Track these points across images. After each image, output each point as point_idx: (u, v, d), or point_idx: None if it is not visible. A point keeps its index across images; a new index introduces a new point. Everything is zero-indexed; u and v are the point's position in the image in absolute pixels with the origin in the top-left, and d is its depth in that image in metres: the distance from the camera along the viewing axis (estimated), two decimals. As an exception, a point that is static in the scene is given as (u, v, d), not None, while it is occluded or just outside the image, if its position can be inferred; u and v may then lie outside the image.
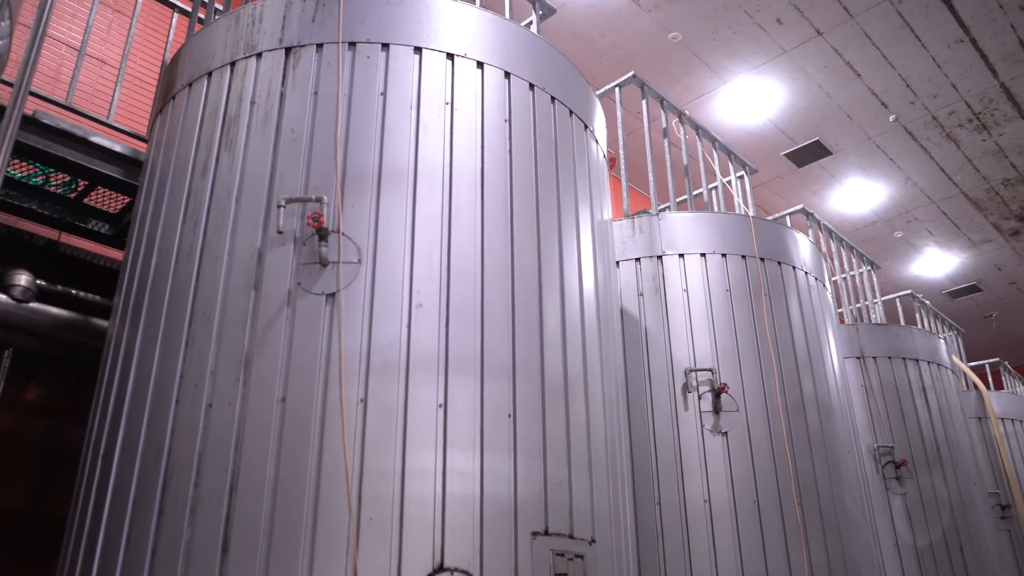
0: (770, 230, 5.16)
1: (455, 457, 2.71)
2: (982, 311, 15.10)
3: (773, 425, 4.46)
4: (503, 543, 2.68)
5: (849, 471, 4.77)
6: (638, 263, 4.89)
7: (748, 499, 4.26)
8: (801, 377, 4.73)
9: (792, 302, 4.98)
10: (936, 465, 6.28)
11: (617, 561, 3.10)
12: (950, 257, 13.33)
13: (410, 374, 2.78)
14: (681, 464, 4.34)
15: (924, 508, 6.05)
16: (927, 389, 6.63)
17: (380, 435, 2.66)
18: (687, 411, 4.45)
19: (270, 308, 2.84)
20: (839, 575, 4.29)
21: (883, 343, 6.72)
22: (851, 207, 11.88)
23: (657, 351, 4.62)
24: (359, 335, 2.80)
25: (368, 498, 2.57)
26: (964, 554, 6.01)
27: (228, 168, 3.18)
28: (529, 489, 2.82)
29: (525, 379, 2.99)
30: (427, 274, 2.95)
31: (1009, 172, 11.19)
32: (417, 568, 2.52)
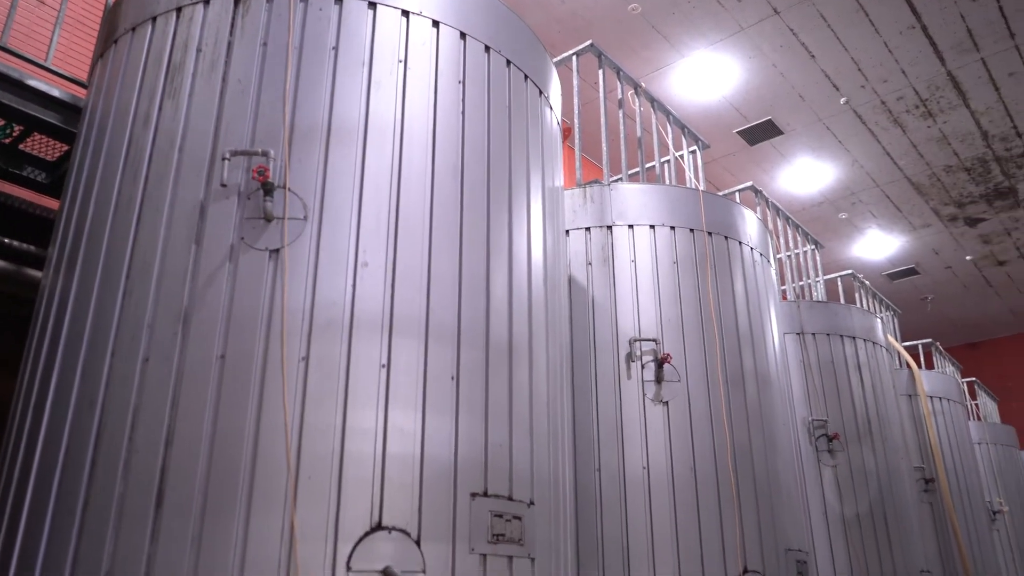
0: (719, 205, 5.23)
1: (397, 417, 2.71)
2: (919, 293, 15.58)
3: (713, 396, 4.56)
4: (442, 503, 2.70)
5: (784, 442, 4.91)
6: (588, 232, 4.91)
7: (685, 467, 4.36)
8: (742, 350, 4.83)
9: (737, 276, 5.06)
10: (867, 439, 6.50)
11: (555, 524, 3.15)
12: (891, 240, 13.69)
13: (354, 333, 2.76)
14: (622, 431, 4.41)
15: (853, 480, 6.27)
16: (862, 366, 6.84)
17: (321, 393, 2.64)
18: (630, 380, 4.52)
19: (211, 262, 2.78)
20: (769, 542, 4.43)
21: (822, 320, 6.89)
22: (799, 187, 12.10)
23: (603, 320, 4.67)
24: (302, 292, 2.76)
25: (307, 455, 2.56)
26: (888, 524, 6.25)
27: (171, 118, 3.09)
28: (470, 451, 2.84)
29: (470, 342, 3.00)
30: (374, 233, 2.92)
31: (951, 159, 11.50)
32: (355, 526, 2.52)
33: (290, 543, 2.44)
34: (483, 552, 2.75)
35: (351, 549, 2.49)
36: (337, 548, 2.48)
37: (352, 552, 2.49)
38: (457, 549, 2.68)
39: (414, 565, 2.57)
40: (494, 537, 2.79)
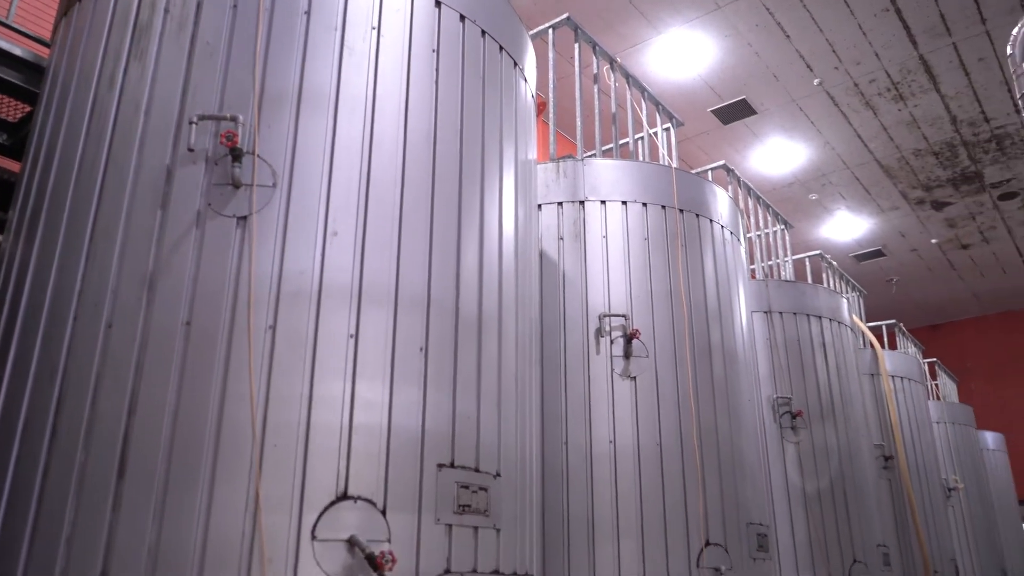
0: (691, 183, 5.25)
1: (364, 387, 2.70)
2: (884, 275, 15.82)
3: (680, 372, 4.60)
4: (408, 473, 2.71)
5: (748, 419, 4.98)
6: (560, 207, 4.91)
7: (651, 441, 4.41)
8: (710, 327, 4.87)
9: (707, 254, 5.10)
10: (829, 417, 6.62)
11: (521, 495, 3.17)
12: (860, 222, 13.86)
13: (322, 303, 2.74)
14: (590, 406, 4.45)
15: (815, 456, 6.39)
16: (827, 345, 6.94)
17: (288, 362, 2.62)
18: (599, 355, 4.55)
19: (177, 228, 2.74)
20: (732, 515, 4.51)
21: (790, 299, 6.97)
22: (771, 167, 12.17)
23: (573, 295, 4.68)
24: (270, 261, 2.73)
25: (273, 424, 2.54)
26: (847, 500, 6.39)
27: (137, 79, 3.02)
28: (437, 422, 2.84)
29: (439, 314, 2.99)
30: (344, 202, 2.89)
31: (920, 143, 11.64)
32: (320, 495, 2.52)
33: (255, 512, 2.44)
34: (449, 523, 2.76)
35: (316, 518, 2.49)
36: (302, 517, 2.48)
37: (317, 521, 2.48)
38: (423, 519, 2.69)
39: (379, 535, 2.57)
40: (460, 508, 2.81)
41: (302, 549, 2.44)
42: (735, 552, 4.43)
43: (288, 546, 2.43)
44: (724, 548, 4.38)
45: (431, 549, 2.68)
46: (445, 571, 2.70)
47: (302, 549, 2.44)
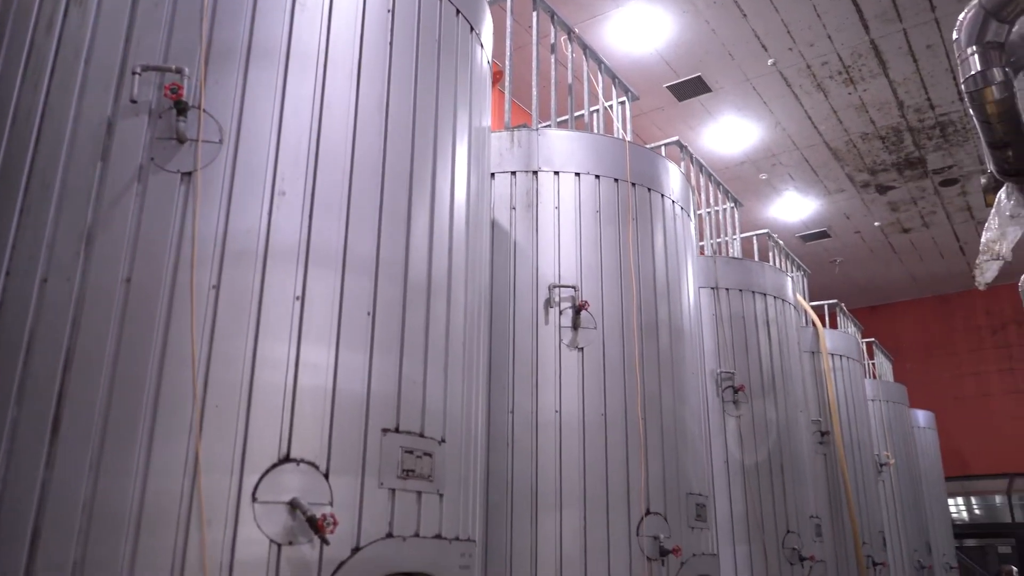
0: (644, 157, 5.27)
1: (309, 350, 2.67)
2: (828, 256, 16.20)
3: (627, 344, 4.66)
4: (352, 437, 2.69)
5: (692, 392, 5.07)
6: (513, 176, 4.89)
7: (596, 412, 4.46)
8: (658, 301, 4.93)
9: (657, 229, 5.14)
10: (770, 392, 6.78)
11: (465, 462, 3.19)
12: (807, 203, 14.13)
13: (268, 263, 2.69)
14: (537, 375, 4.47)
15: (754, 430, 6.55)
16: (771, 322, 7.09)
17: (231, 323, 2.58)
18: (547, 325, 4.57)
19: (118, 182, 2.65)
20: (672, 485, 4.60)
21: (736, 276, 7.09)
22: (723, 146, 12.30)
23: (524, 265, 4.69)
24: (215, 219, 2.67)
25: (215, 385, 2.50)
26: (784, 472, 6.58)
27: (77, 26, 2.90)
28: (383, 386, 2.83)
29: (388, 278, 2.96)
30: (293, 162, 2.83)
31: (868, 127, 11.87)
32: (262, 457, 2.49)
33: (194, 473, 2.40)
34: (392, 487, 2.76)
35: (257, 480, 2.46)
36: (243, 479, 2.45)
37: (258, 483, 2.46)
38: (366, 483, 2.69)
39: (322, 498, 2.56)
40: (404, 473, 2.81)
41: (242, 511, 2.42)
42: (674, 521, 4.53)
43: (228, 507, 2.41)
44: (664, 517, 4.48)
45: (373, 513, 2.68)
46: (387, 535, 2.71)
47: (242, 511, 2.42)
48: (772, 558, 6.26)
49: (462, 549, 3.05)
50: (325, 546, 2.51)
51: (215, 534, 2.37)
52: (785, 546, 6.37)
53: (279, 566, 2.43)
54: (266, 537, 2.43)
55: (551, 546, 4.18)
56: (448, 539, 2.97)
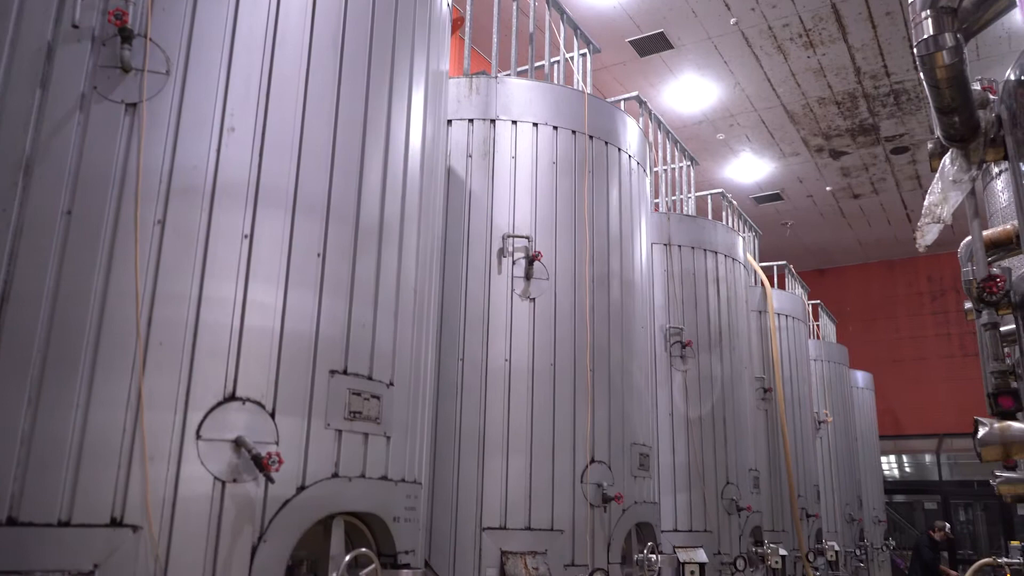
0: (603, 110, 5.26)
1: (257, 290, 2.65)
2: (780, 218, 16.45)
3: (578, 296, 4.70)
4: (299, 378, 2.69)
5: (640, 345, 5.16)
6: (471, 124, 4.84)
7: (546, 362, 4.51)
8: (610, 254, 4.97)
9: (613, 183, 5.16)
10: (716, 348, 6.92)
11: (413, 405, 3.21)
12: (762, 164, 14.27)
13: (215, 201, 2.64)
14: (488, 324, 4.50)
15: (700, 384, 6.70)
16: (720, 280, 7.21)
17: (177, 260, 2.53)
18: (500, 275, 4.58)
19: (59, 110, 2.56)
20: (617, 435, 4.70)
21: (689, 234, 7.18)
22: (682, 104, 12.32)
23: (479, 214, 4.67)
24: (161, 152, 2.60)
25: (159, 322, 2.47)
26: (726, 426, 6.76)
27: (16, -57, 2.76)
28: (332, 328, 2.82)
29: (339, 220, 2.93)
30: (243, 97, 2.76)
31: (825, 91, 11.98)
32: (207, 395, 2.48)
33: (137, 409, 2.38)
34: (339, 428, 2.77)
35: (202, 418, 2.45)
36: (187, 416, 2.44)
37: (203, 421, 2.45)
38: (313, 424, 2.69)
39: (268, 437, 2.57)
40: (351, 414, 2.82)
41: (186, 448, 2.41)
42: (618, 470, 4.64)
43: (172, 444, 2.40)
44: (608, 466, 4.58)
45: (319, 453, 2.69)
46: (333, 475, 2.73)
47: (186, 448, 2.41)
48: (711, 507, 6.47)
49: (408, 491, 3.09)
50: (270, 484, 2.52)
51: (158, 470, 2.36)
52: (724, 496, 6.57)
53: (223, 503, 2.44)
54: (210, 474, 2.43)
55: (497, 491, 4.26)
56: (394, 481, 3.00)
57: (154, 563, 2.30)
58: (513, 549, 4.20)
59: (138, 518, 2.31)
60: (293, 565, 2.73)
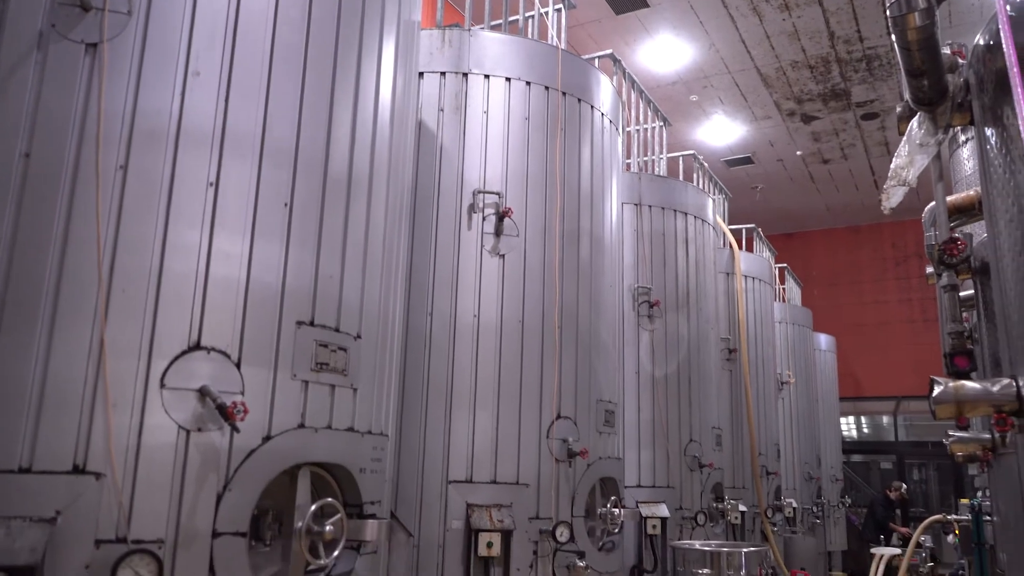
0: (577, 66, 5.21)
1: (223, 239, 2.61)
2: (751, 182, 16.54)
3: (548, 253, 4.70)
4: (265, 328, 2.67)
5: (609, 304, 5.19)
6: (443, 77, 4.78)
7: (514, 318, 4.53)
8: (581, 212, 4.97)
9: (585, 140, 5.14)
10: (683, 308, 7.00)
11: (381, 358, 3.21)
12: (734, 127, 14.30)
13: (180, 146, 2.59)
14: (457, 280, 4.49)
15: (666, 344, 6.78)
16: (689, 241, 7.25)
17: (140, 206, 2.49)
18: (470, 231, 4.56)
19: (15, 49, 2.48)
20: (584, 392, 4.75)
21: (660, 194, 7.19)
22: (657, 64, 12.25)
23: (449, 168, 4.64)
24: (123, 96, 2.54)
25: (121, 269, 2.43)
26: (691, 385, 6.86)
27: None
28: (299, 279, 2.80)
29: (307, 170, 2.89)
30: (209, 41, 2.69)
31: (798, 55, 11.98)
32: (171, 344, 2.46)
33: (99, 357, 2.35)
34: (305, 379, 2.77)
35: (166, 366, 2.43)
36: (151, 365, 2.42)
37: (167, 369, 2.43)
38: (279, 374, 2.68)
39: (233, 386, 2.55)
40: (318, 366, 2.81)
41: (150, 396, 2.39)
42: (583, 426, 4.70)
43: (135, 392, 2.38)
44: (573, 421, 4.63)
45: (285, 404, 2.69)
46: (299, 425, 2.73)
47: (150, 396, 2.39)
48: (674, 464, 6.59)
49: (374, 443, 3.10)
50: (235, 434, 2.52)
51: (121, 418, 2.35)
52: (687, 453, 6.70)
53: (187, 452, 2.43)
54: (174, 423, 2.42)
55: (464, 445, 4.29)
56: (361, 432, 3.01)
57: (118, 510, 2.29)
58: (479, 502, 4.25)
59: (101, 465, 2.30)
60: (259, 514, 2.74)
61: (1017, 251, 2.72)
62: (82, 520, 2.25)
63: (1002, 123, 2.87)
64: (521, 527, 4.27)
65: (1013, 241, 2.78)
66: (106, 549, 2.24)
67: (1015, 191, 2.70)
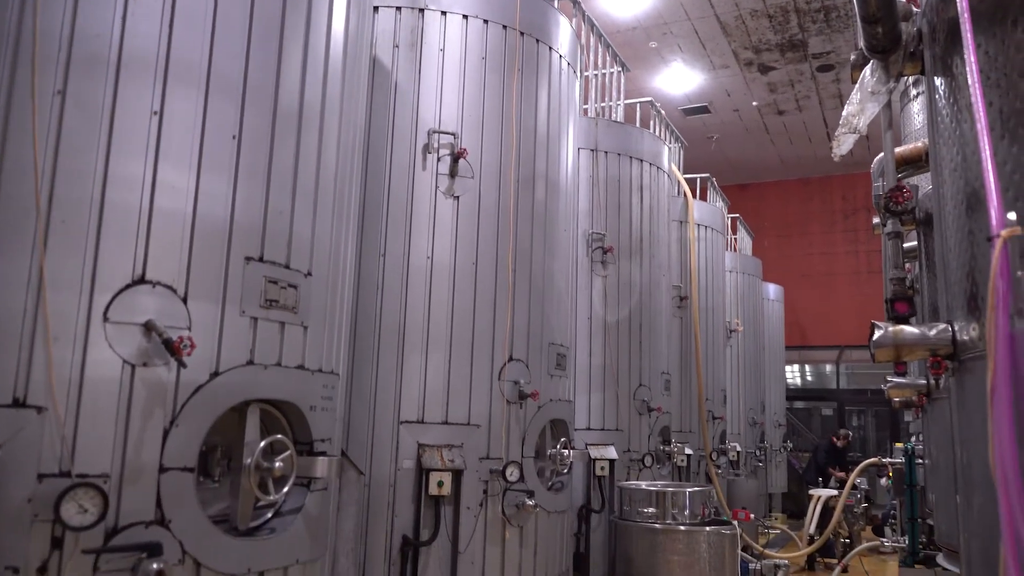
0: (536, 6, 5.12)
1: (168, 170, 2.54)
2: (706, 131, 16.61)
3: (503, 196, 4.68)
4: (213, 263, 2.62)
5: (562, 249, 5.20)
6: (398, 12, 4.66)
7: (468, 260, 4.51)
8: (536, 155, 4.94)
9: (543, 82, 5.08)
10: (636, 255, 7.06)
11: (332, 297, 3.18)
12: (692, 76, 14.28)
13: (122, 73, 2.49)
14: (411, 221, 4.45)
15: (619, 290, 6.85)
16: (644, 188, 7.28)
17: (80, 134, 2.40)
18: (424, 171, 4.51)
19: (-59, -38, 2.34)
20: (536, 335, 4.78)
21: (616, 140, 7.18)
22: (617, 8, 12.12)
23: (404, 107, 4.55)
24: (60, 17, 2.42)
25: (61, 200, 2.35)
26: (642, 331, 6.96)
27: None
28: (247, 214, 2.74)
29: (256, 103, 2.81)
30: (151, -38, 2.58)
31: (758, 3, 11.95)
32: (114, 277, 2.40)
33: (39, 289, 2.29)
34: (254, 316, 2.73)
35: (109, 300, 2.38)
36: (93, 298, 2.36)
37: (110, 303, 2.38)
38: (227, 310, 2.65)
39: (179, 322, 2.51)
40: (267, 302, 2.78)
41: (92, 330, 2.34)
42: (535, 368, 4.75)
43: (77, 326, 2.33)
44: (525, 364, 4.68)
45: (234, 340, 2.66)
46: (248, 362, 2.70)
47: (92, 330, 2.34)
48: (623, 408, 6.72)
49: (325, 381, 3.09)
50: (182, 369, 2.49)
51: (63, 352, 2.30)
52: (636, 398, 6.83)
53: (132, 387, 2.39)
54: (119, 357, 2.37)
55: (415, 386, 4.31)
56: (311, 370, 3.00)
57: (60, 444, 2.26)
58: (430, 442, 4.29)
59: (42, 399, 2.25)
60: (208, 451, 2.72)
61: (959, 199, 2.78)
62: (23, 454, 2.21)
63: (951, 73, 2.91)
64: (472, 467, 4.33)
65: (956, 190, 2.85)
66: (49, 483, 2.21)
67: (960, 140, 2.75)
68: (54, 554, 2.22)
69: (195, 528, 2.50)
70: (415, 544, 4.14)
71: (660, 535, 5.61)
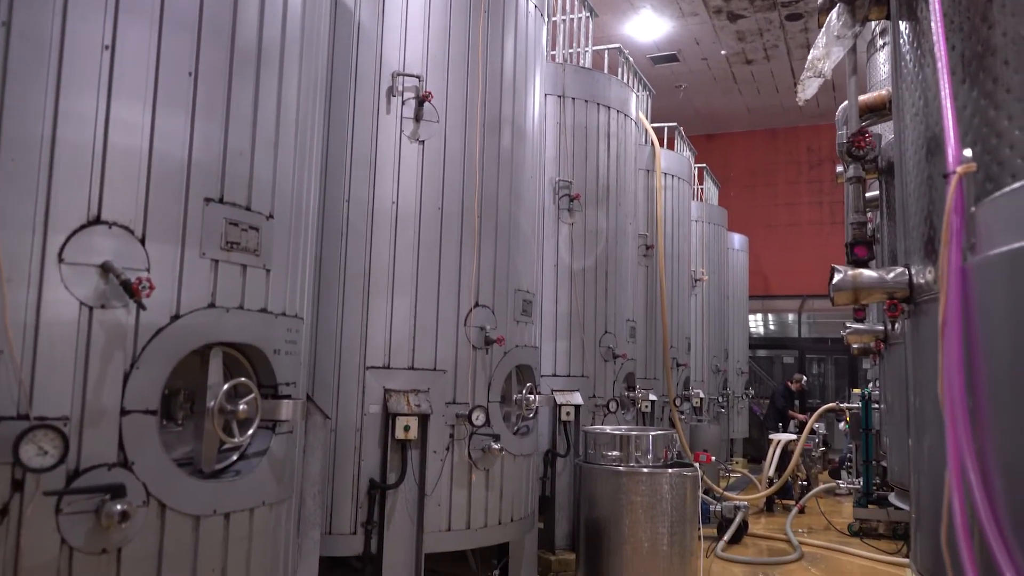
0: (502, -54, 5.00)
1: (121, 107, 2.46)
2: (675, 80, 16.53)
3: (468, 140, 4.63)
4: (171, 204, 2.57)
5: (529, 195, 5.18)
6: (361, -51, 4.52)
7: (433, 205, 4.48)
8: (503, 100, 4.88)
9: (509, 26, 4.99)
10: (603, 203, 7.06)
11: (295, 240, 3.14)
12: (661, 23, 14.14)
13: (69, 4, 2.39)
14: (375, 165, 4.39)
15: (585, 238, 6.86)
16: (611, 135, 7.25)
17: (26, 68, 2.31)
18: (389, 115, 4.44)
19: None
20: (502, 281, 4.79)
21: (584, 87, 7.11)
22: (586, -48, 11.89)
23: (368, 49, 4.45)
24: (2, -57, 2.31)
25: (9, 137, 2.27)
26: (608, 279, 7.00)
27: None
28: (206, 154, 2.68)
29: (213, 37, 2.73)
30: None
31: (728, -51, 11.82)
32: (68, 217, 2.34)
33: (-10, 229, 2.22)
34: (215, 258, 2.70)
35: (64, 240, 2.33)
36: (47, 238, 2.31)
37: (65, 244, 2.33)
38: (186, 252, 2.60)
39: (137, 263, 2.47)
40: (228, 244, 2.74)
41: (47, 271, 2.29)
42: (501, 314, 4.76)
43: (31, 267, 2.27)
44: (491, 310, 4.69)
45: (194, 282, 2.62)
46: (209, 305, 2.67)
47: (47, 271, 2.29)
48: (589, 354, 6.79)
49: (289, 324, 3.07)
50: (142, 311, 2.45)
51: (17, 294, 2.25)
52: (601, 344, 6.90)
53: (91, 329, 2.36)
54: (75, 299, 2.33)
55: (381, 331, 4.31)
56: (274, 314, 2.97)
57: (18, 387, 2.23)
58: (396, 387, 4.30)
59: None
60: (171, 394, 2.70)
61: (920, 144, 2.81)
62: (-20, 396, 2.17)
63: (916, 17, 2.91)
64: (438, 411, 4.36)
65: (917, 135, 2.88)
66: (6, 425, 2.18)
67: (922, 84, 2.77)
68: (15, 496, 2.20)
69: (159, 470, 2.49)
70: (382, 487, 4.18)
71: (624, 477, 5.72)
